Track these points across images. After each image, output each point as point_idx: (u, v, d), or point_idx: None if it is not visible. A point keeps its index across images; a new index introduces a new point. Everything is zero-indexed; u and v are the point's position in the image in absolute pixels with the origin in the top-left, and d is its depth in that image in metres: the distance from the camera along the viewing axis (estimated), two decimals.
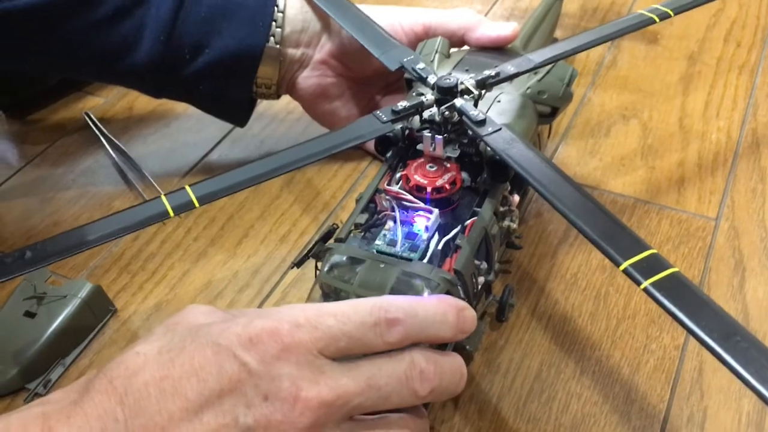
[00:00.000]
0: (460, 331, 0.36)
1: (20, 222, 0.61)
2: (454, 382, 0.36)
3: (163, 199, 0.39)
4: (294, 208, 0.60)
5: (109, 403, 0.32)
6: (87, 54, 0.56)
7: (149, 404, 0.31)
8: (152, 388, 0.32)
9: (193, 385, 0.32)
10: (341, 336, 0.34)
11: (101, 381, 0.32)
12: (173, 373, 0.32)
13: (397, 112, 0.44)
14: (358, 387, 0.33)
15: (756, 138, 0.64)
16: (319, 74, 0.60)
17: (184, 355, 0.33)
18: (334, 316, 0.34)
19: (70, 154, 0.67)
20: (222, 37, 0.56)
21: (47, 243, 0.38)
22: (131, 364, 0.33)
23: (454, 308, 0.36)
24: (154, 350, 0.33)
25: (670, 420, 0.44)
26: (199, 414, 0.31)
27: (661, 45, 0.75)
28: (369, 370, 0.34)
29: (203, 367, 0.32)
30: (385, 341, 0.34)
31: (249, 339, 0.33)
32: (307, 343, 0.33)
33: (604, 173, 0.61)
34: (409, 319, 0.35)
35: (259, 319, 0.34)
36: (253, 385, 0.32)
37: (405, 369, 0.35)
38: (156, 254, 0.57)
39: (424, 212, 0.43)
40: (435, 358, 0.36)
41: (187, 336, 0.34)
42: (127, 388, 0.32)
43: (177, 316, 0.36)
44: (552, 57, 0.48)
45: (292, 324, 0.33)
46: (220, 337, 0.33)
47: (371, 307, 0.35)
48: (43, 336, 0.48)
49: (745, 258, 0.54)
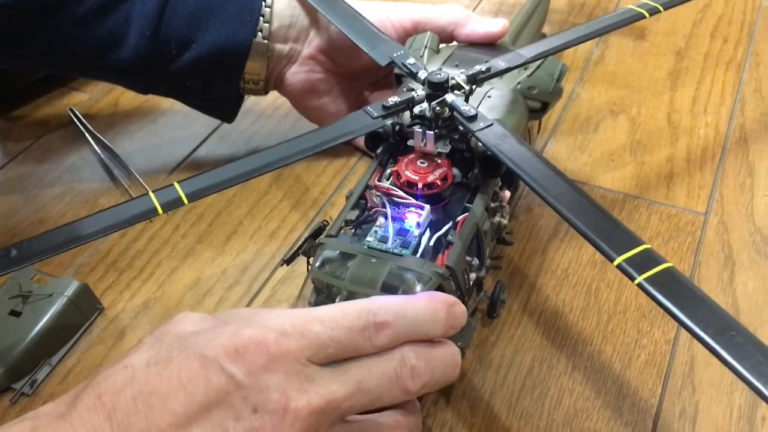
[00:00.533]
0: (450, 327, 0.36)
1: (4, 220, 0.60)
2: (447, 373, 0.36)
3: (151, 195, 0.39)
4: (283, 205, 0.60)
5: (98, 418, 0.31)
6: (73, 49, 0.55)
7: (138, 420, 0.31)
8: (140, 403, 0.31)
9: (180, 400, 0.31)
10: (329, 342, 0.33)
11: (89, 396, 0.32)
12: (161, 387, 0.32)
13: (388, 107, 0.44)
14: (349, 391, 0.33)
15: (744, 133, 0.64)
16: (307, 70, 0.59)
17: (172, 368, 0.32)
18: (321, 323, 0.34)
19: (54, 151, 0.66)
20: (209, 32, 0.56)
21: (33, 241, 0.37)
22: (119, 378, 0.32)
23: (444, 305, 0.36)
24: (142, 363, 0.33)
25: (662, 414, 0.45)
26: (188, 428, 0.31)
27: (648, 41, 0.75)
28: (359, 373, 0.34)
29: (191, 381, 0.32)
30: (373, 344, 0.34)
31: (236, 350, 0.32)
32: (294, 352, 0.33)
33: (593, 169, 0.61)
34: (398, 320, 0.34)
35: (246, 329, 0.33)
36: (241, 397, 0.32)
37: (395, 368, 0.34)
38: (143, 251, 0.56)
39: (416, 208, 0.42)
40: (426, 352, 0.35)
41: (174, 346, 0.33)
42: (115, 403, 0.31)
43: (168, 325, 0.36)
44: (542, 52, 0.48)
45: (278, 333, 0.33)
46: (206, 348, 0.33)
47: (359, 311, 0.34)
48: (29, 335, 0.48)
49: (735, 252, 0.54)
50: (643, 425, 0.44)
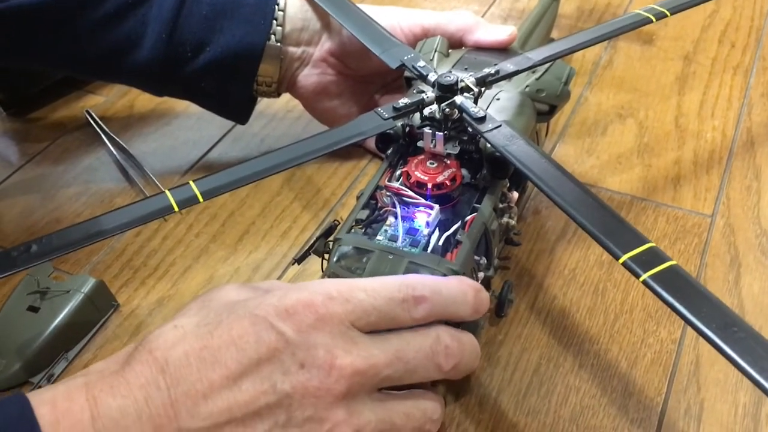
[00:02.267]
0: (476, 310, 0.38)
1: (22, 219, 0.61)
2: (472, 359, 0.38)
3: (167, 193, 0.40)
4: (294, 205, 0.61)
5: (151, 372, 0.33)
6: (91, 52, 0.56)
7: (190, 373, 0.33)
8: (192, 357, 0.33)
9: (232, 354, 0.33)
10: (372, 310, 0.35)
11: (141, 352, 0.34)
12: (212, 343, 0.33)
13: (398, 109, 0.45)
14: (388, 359, 0.35)
15: (751, 137, 0.65)
16: (319, 72, 0.60)
17: (223, 327, 0.34)
18: (364, 291, 0.36)
19: (71, 152, 0.68)
20: (223, 35, 0.57)
21: (53, 237, 0.38)
22: (170, 336, 0.34)
23: (472, 288, 0.38)
24: (191, 324, 0.35)
25: (668, 412, 0.45)
26: (239, 381, 0.33)
27: (656, 46, 0.76)
28: (398, 344, 0.36)
29: (242, 337, 0.33)
30: (412, 317, 0.36)
31: (285, 310, 0.34)
32: (340, 315, 0.35)
33: (601, 171, 0.62)
34: (435, 296, 0.37)
35: (294, 292, 0.35)
36: (290, 353, 0.33)
37: (431, 344, 0.36)
38: (158, 250, 0.57)
39: (425, 208, 0.43)
40: (458, 335, 0.38)
41: (223, 311, 0.35)
42: (167, 358, 0.33)
43: (210, 293, 0.38)
44: (551, 55, 0.49)
45: (325, 296, 0.35)
46: (257, 308, 0.34)
47: (399, 284, 0.36)
48: (47, 330, 0.49)
49: (741, 254, 0.54)
50: (648, 423, 0.45)
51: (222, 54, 0.57)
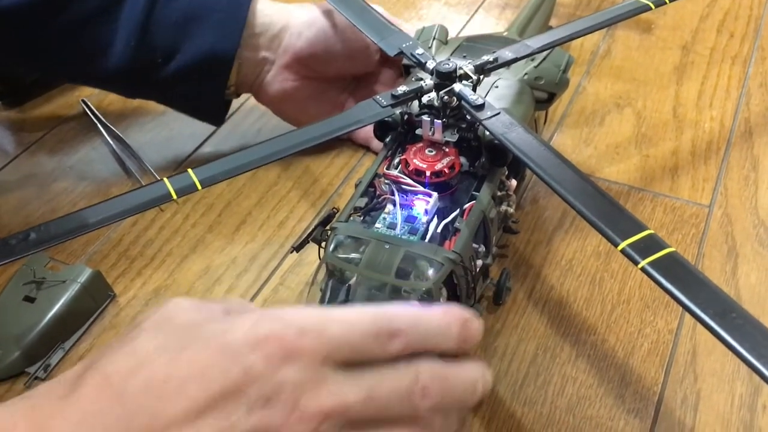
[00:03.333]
0: (463, 343, 0.35)
1: (17, 209, 0.61)
2: (463, 398, 0.35)
3: (165, 181, 0.40)
4: (291, 195, 0.60)
5: (107, 400, 0.30)
6: (61, 58, 0.57)
7: (150, 404, 0.30)
8: (154, 388, 0.31)
9: (198, 386, 0.31)
10: (345, 345, 0.33)
11: (94, 377, 0.31)
12: (177, 373, 0.31)
13: (397, 96, 0.45)
14: (359, 397, 0.33)
15: (749, 127, 0.65)
16: (282, 79, 0.60)
17: (188, 355, 0.32)
18: (339, 323, 0.33)
19: (67, 142, 0.67)
20: (194, 41, 0.57)
21: (51, 225, 0.38)
22: (128, 362, 0.32)
23: (458, 320, 0.35)
24: (149, 348, 0.32)
25: (665, 402, 0.45)
26: (202, 414, 0.31)
27: (654, 35, 0.76)
28: (372, 381, 0.33)
29: (209, 368, 0.31)
30: (386, 351, 0.34)
31: (256, 342, 0.32)
32: (311, 351, 0.32)
33: (598, 161, 0.62)
34: (411, 330, 0.34)
35: (266, 321, 0.33)
36: (256, 388, 0.31)
37: (408, 384, 0.34)
38: (154, 240, 0.57)
39: (423, 196, 0.43)
40: (443, 373, 0.35)
41: (184, 335, 0.33)
42: (125, 386, 0.31)
43: (162, 311, 0.34)
44: (549, 43, 0.49)
45: (298, 329, 0.33)
46: (225, 335, 0.32)
47: (374, 317, 0.34)
48: (43, 320, 0.49)
49: (738, 244, 0.54)
50: (645, 413, 0.45)
51: (193, 60, 0.57)
